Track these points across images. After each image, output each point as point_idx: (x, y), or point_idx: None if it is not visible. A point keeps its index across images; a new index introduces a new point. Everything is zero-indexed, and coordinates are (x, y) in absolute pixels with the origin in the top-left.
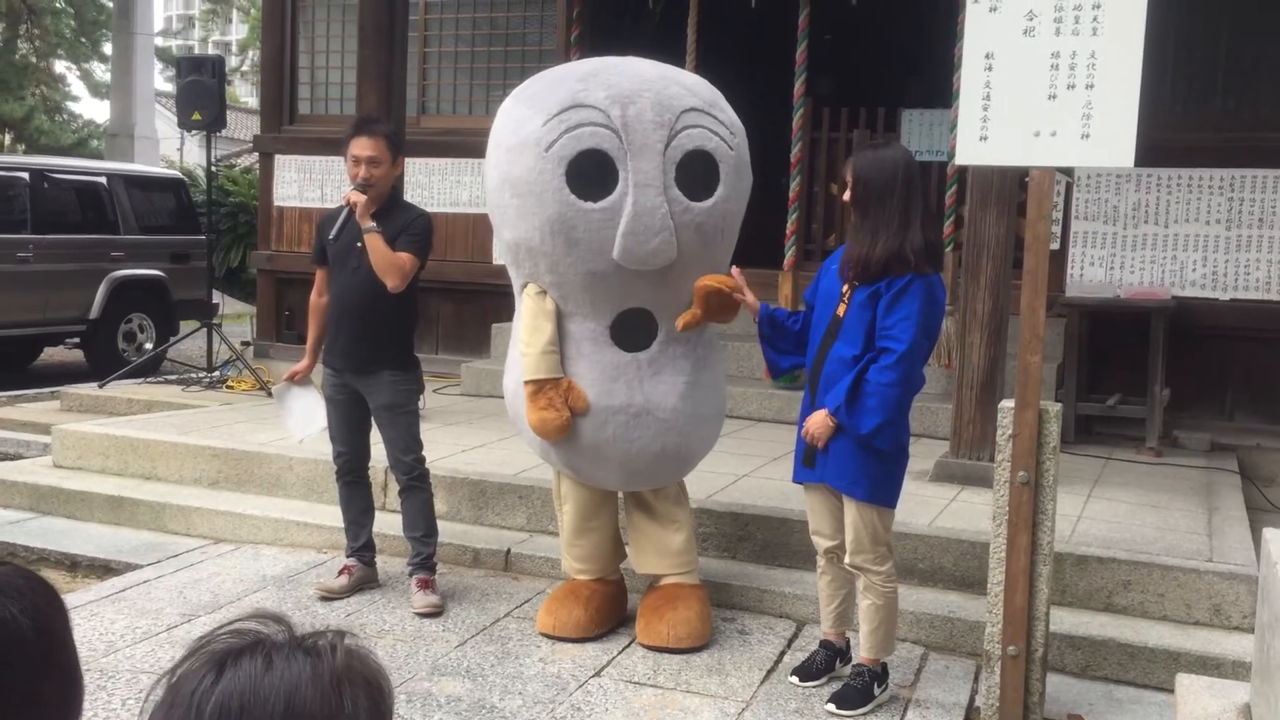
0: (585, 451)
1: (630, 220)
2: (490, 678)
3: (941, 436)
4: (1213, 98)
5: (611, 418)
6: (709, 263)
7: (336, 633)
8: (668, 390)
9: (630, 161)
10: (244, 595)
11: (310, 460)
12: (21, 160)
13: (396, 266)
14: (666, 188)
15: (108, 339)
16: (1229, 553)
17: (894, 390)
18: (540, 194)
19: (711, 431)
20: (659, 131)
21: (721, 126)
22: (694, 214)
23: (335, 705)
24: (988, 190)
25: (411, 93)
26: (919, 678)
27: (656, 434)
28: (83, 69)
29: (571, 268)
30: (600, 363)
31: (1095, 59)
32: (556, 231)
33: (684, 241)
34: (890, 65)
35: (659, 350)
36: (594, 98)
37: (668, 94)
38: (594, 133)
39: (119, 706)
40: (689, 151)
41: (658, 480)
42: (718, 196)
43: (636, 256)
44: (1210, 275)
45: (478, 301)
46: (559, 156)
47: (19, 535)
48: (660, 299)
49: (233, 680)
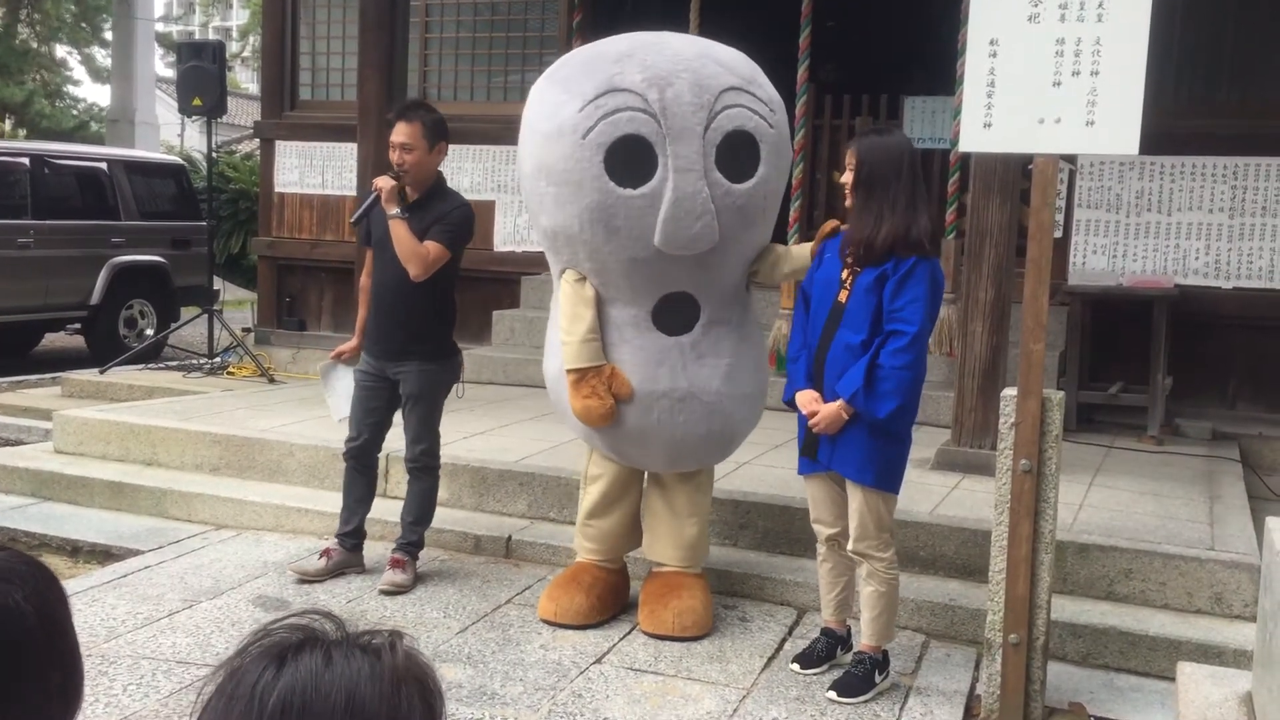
0: (631, 436)
1: (671, 206)
2: (491, 664)
3: (943, 424)
4: (1217, 85)
5: (656, 403)
6: (751, 244)
7: (393, 632)
8: (711, 373)
9: (670, 146)
10: (245, 581)
11: (311, 446)
12: (22, 145)
13: (419, 256)
14: (707, 171)
15: (109, 325)
16: (1230, 541)
17: (909, 373)
18: (579, 182)
19: (754, 409)
20: (699, 114)
21: (761, 104)
22: (735, 196)
23: (393, 703)
24: (991, 177)
25: (413, 79)
26: (920, 665)
27: (702, 417)
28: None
29: (612, 255)
30: (643, 348)
31: (1100, 45)
32: (596, 220)
33: (725, 224)
34: (893, 52)
35: (701, 333)
36: (630, 80)
37: (706, 73)
38: (632, 118)
39: (120, 692)
40: (729, 132)
41: (704, 460)
42: (759, 177)
43: (678, 242)
44: (1213, 264)
45: (479, 289)
46: (597, 144)
47: (20, 521)
48: (701, 282)
49: (294, 675)
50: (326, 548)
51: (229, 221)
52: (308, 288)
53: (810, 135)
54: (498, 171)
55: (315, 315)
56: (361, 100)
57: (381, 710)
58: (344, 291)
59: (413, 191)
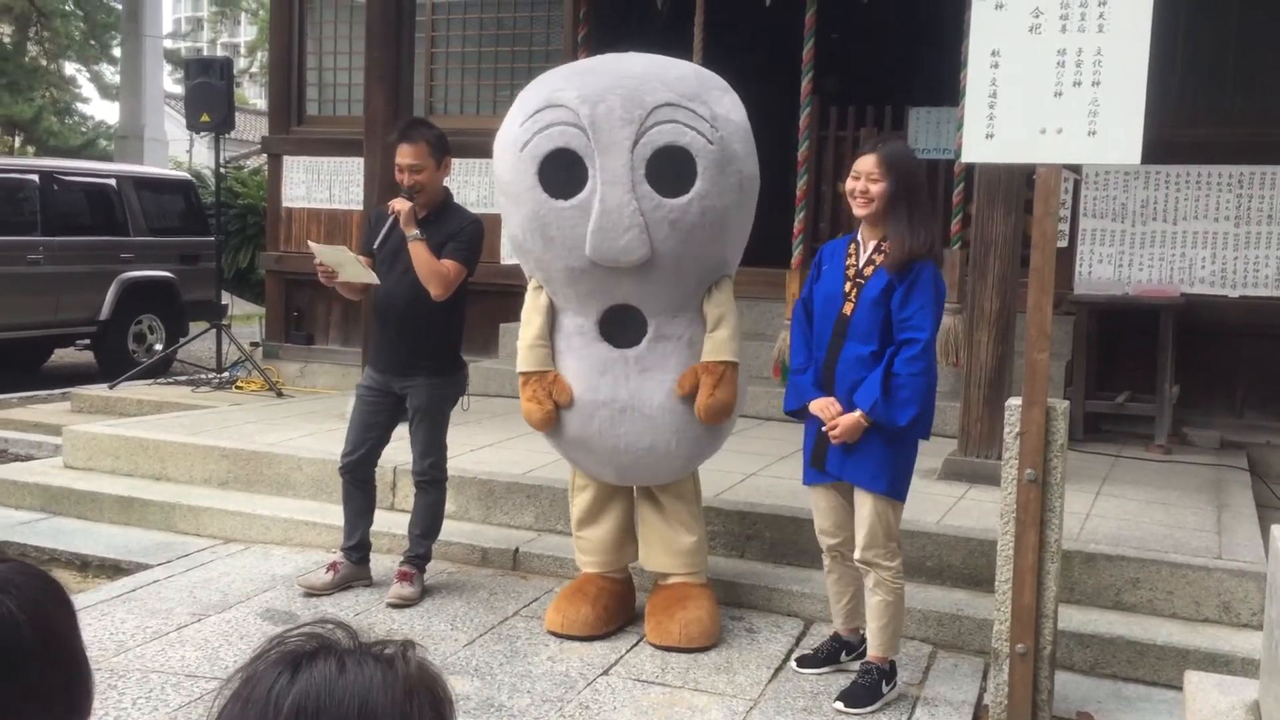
0: (575, 444)
1: (598, 217)
2: (499, 676)
3: (949, 435)
4: (1222, 93)
5: (597, 412)
6: (699, 260)
7: (405, 641)
8: (655, 387)
9: (598, 159)
10: (253, 595)
11: (319, 460)
12: (31, 162)
13: (440, 275)
14: (635, 184)
15: (118, 340)
16: (1238, 550)
17: (924, 379)
18: (518, 193)
19: (711, 432)
20: (627, 128)
21: (700, 120)
22: (667, 210)
23: (405, 710)
24: (995, 188)
25: (419, 93)
26: (927, 675)
27: (644, 430)
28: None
29: (552, 264)
30: (588, 357)
31: (1101, 56)
32: (533, 229)
33: (658, 238)
34: (897, 63)
35: (648, 347)
36: (565, 97)
37: (643, 90)
38: (563, 131)
39: (129, 706)
40: (660, 148)
41: (654, 477)
42: (695, 192)
43: (607, 253)
44: (1219, 272)
45: (486, 302)
46: (531, 156)
47: (30, 536)
48: (645, 295)
49: (308, 681)
50: (333, 561)
51: (237, 236)
52: (315, 302)
53: (815, 146)
54: None
55: (323, 329)
56: (368, 115)
57: (393, 717)
58: (351, 306)
59: (422, 209)
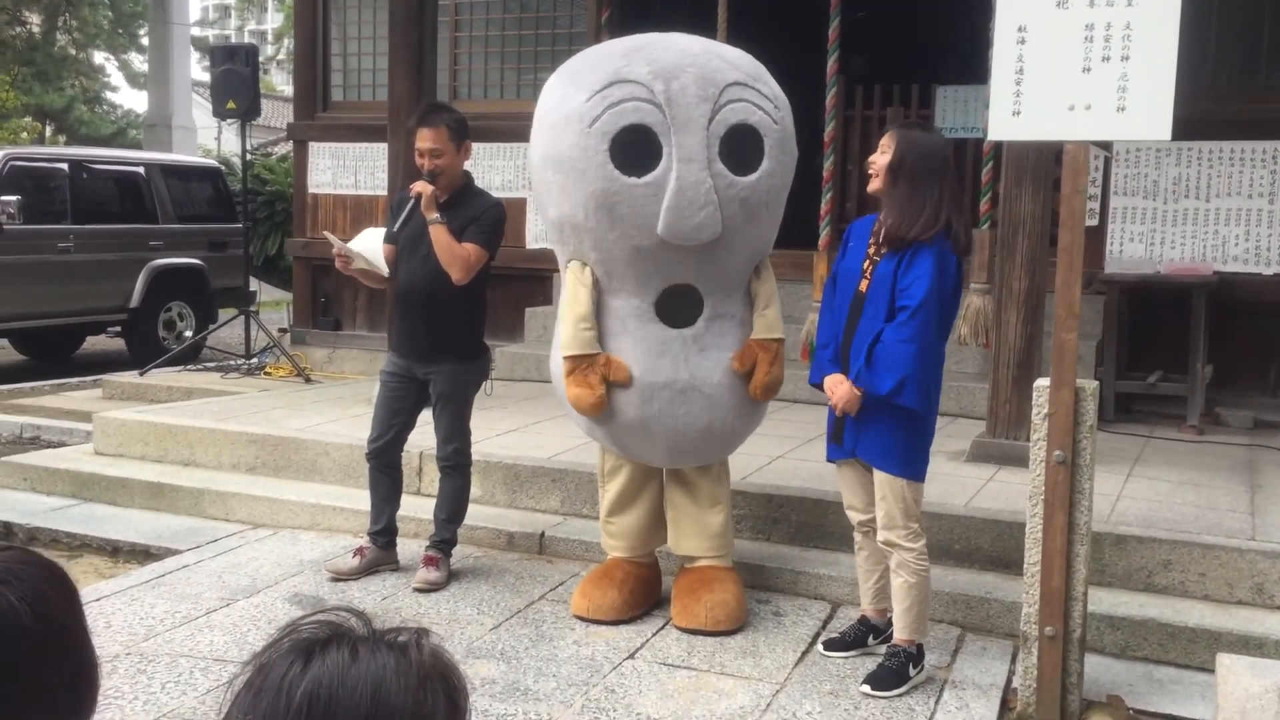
0: (631, 428)
1: (674, 195)
2: (524, 660)
3: (978, 416)
4: (1255, 69)
5: (658, 394)
6: (755, 238)
7: (419, 629)
8: (714, 366)
9: (674, 136)
10: (281, 579)
11: (346, 445)
12: (61, 151)
13: (461, 259)
14: (710, 162)
15: (148, 327)
16: (1272, 531)
17: (909, 346)
18: (584, 170)
19: (759, 409)
20: (703, 106)
21: (765, 100)
22: (739, 189)
23: (419, 698)
24: (1023, 166)
25: (443, 78)
26: (955, 658)
27: (703, 410)
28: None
29: (615, 244)
30: (646, 339)
31: (1130, 30)
32: (600, 207)
33: (728, 216)
34: (924, 41)
35: (704, 326)
36: (637, 73)
37: (711, 68)
38: (637, 107)
39: (159, 690)
40: (733, 125)
41: (704, 457)
42: (763, 170)
43: (681, 232)
44: (1253, 249)
45: (511, 286)
46: (602, 132)
47: (62, 522)
48: (705, 274)
49: (321, 669)
50: (360, 546)
51: (265, 223)
52: (342, 288)
53: (841, 127)
54: (529, 169)
55: (350, 315)
56: (392, 100)
57: (407, 705)
58: (378, 291)
59: (443, 193)
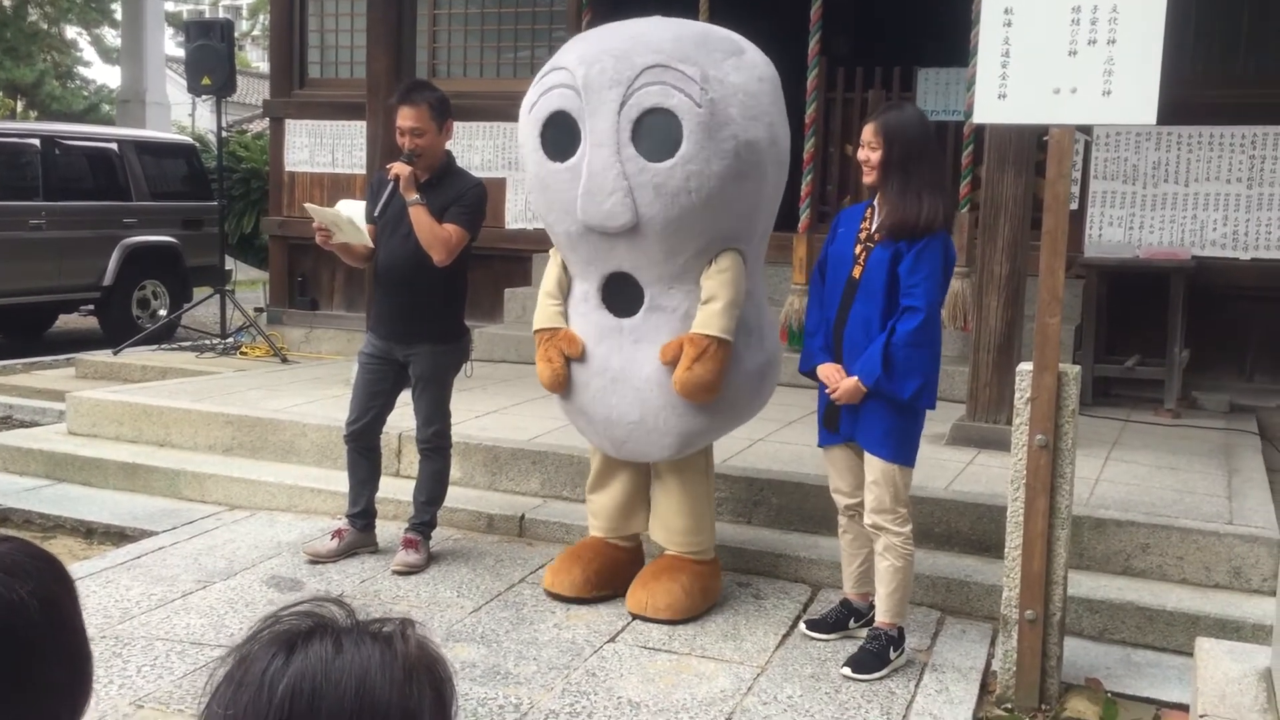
0: (576, 412)
1: (586, 180)
2: (505, 644)
3: (958, 399)
4: (1235, 54)
5: (592, 380)
6: (694, 229)
7: (404, 620)
8: (645, 359)
9: (588, 121)
10: (259, 561)
11: (324, 426)
12: (33, 127)
13: (442, 241)
14: (621, 147)
15: (122, 306)
16: (1249, 515)
17: (925, 351)
18: (528, 154)
19: (703, 408)
20: (614, 90)
21: (689, 82)
22: (652, 174)
23: (404, 691)
24: (1005, 149)
25: (422, 55)
26: (936, 642)
27: (632, 403)
28: (93, 34)
29: (554, 226)
30: (590, 325)
31: (1117, 14)
32: (536, 190)
33: (643, 203)
34: (906, 24)
35: (643, 318)
36: (566, 59)
37: (633, 51)
38: (561, 94)
39: (134, 674)
40: (646, 109)
41: (649, 453)
42: (680, 156)
43: (594, 217)
44: (1231, 234)
45: (491, 267)
46: (536, 118)
47: (35, 502)
48: (639, 264)
49: (304, 662)
50: (338, 528)
51: (240, 201)
52: (319, 267)
53: (822, 109)
54: (508, 148)
55: (327, 294)
56: (370, 77)
57: (392, 698)
58: (356, 270)
59: (423, 173)
